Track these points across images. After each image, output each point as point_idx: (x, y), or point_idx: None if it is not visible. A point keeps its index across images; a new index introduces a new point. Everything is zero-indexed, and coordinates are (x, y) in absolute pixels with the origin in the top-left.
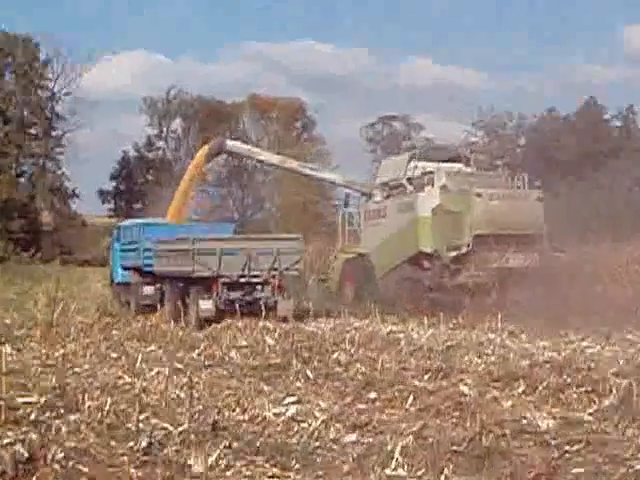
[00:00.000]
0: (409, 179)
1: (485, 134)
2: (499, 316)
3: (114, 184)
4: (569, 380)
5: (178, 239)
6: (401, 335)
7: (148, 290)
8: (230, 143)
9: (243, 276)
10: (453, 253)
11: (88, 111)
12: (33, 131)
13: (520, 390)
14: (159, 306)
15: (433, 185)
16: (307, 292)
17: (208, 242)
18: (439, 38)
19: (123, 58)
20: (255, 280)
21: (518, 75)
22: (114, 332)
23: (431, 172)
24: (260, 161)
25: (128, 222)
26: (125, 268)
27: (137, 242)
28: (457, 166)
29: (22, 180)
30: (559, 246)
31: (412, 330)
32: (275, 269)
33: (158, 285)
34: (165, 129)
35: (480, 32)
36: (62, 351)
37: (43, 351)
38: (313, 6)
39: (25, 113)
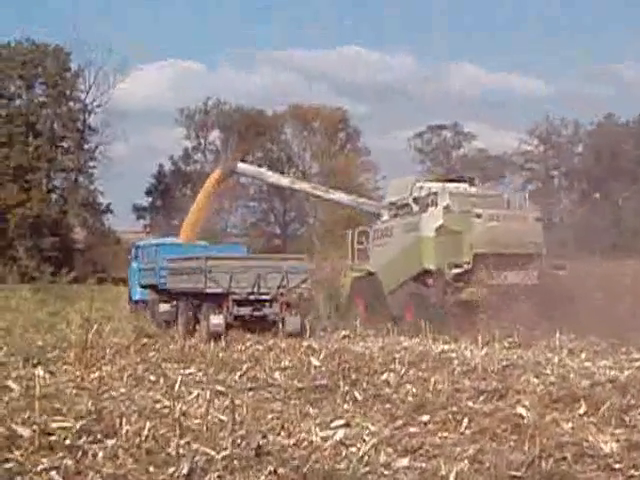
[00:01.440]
0: (415, 199)
1: (540, 142)
2: (557, 334)
3: (150, 199)
4: (633, 401)
5: (191, 258)
6: (453, 355)
7: (164, 307)
8: (241, 166)
9: (252, 293)
10: (455, 271)
11: (121, 123)
12: (64, 144)
13: (581, 411)
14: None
15: (436, 206)
16: (319, 309)
17: (220, 261)
18: (488, 44)
19: (156, 67)
20: (264, 297)
21: (574, 81)
22: (151, 354)
23: (435, 193)
24: (270, 183)
25: (145, 242)
26: (143, 286)
27: (153, 261)
28: (462, 186)
29: (53, 196)
30: (561, 263)
31: (465, 349)
32: (283, 287)
33: (174, 302)
34: (203, 141)
35: (531, 36)
36: (97, 374)
37: (77, 374)
38: (357, 12)
39: (56, 126)
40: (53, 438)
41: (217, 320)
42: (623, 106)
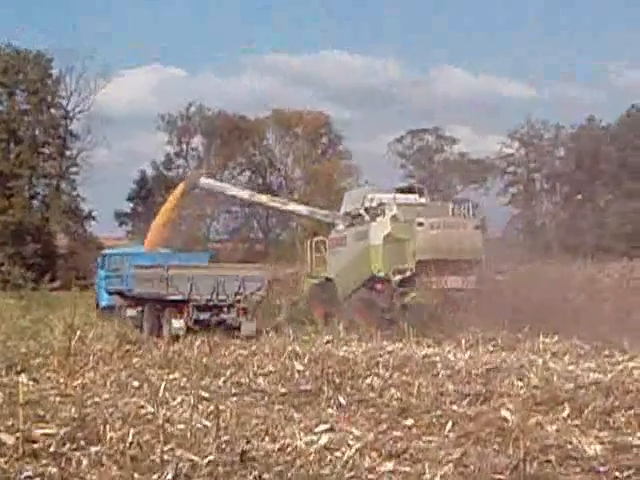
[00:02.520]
0: (366, 209)
1: (521, 145)
2: (540, 337)
3: (132, 205)
4: (617, 402)
5: (154, 266)
6: (437, 358)
7: (131, 312)
8: (204, 180)
9: (211, 300)
10: (399, 277)
11: (103, 129)
12: (46, 151)
13: (565, 414)
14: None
15: (384, 215)
16: (281, 314)
17: (180, 269)
18: (471, 47)
19: (138, 73)
20: (222, 303)
21: (556, 84)
22: (135, 360)
23: (384, 203)
24: (232, 196)
25: (112, 251)
26: (110, 293)
27: (120, 269)
28: (411, 197)
29: (35, 202)
30: (500, 268)
31: (449, 353)
32: (240, 294)
33: (139, 308)
34: (185, 146)
35: (515, 39)
36: (81, 380)
37: (61, 381)
38: (341, 16)
39: (37, 132)
40: (37, 445)
41: (178, 324)
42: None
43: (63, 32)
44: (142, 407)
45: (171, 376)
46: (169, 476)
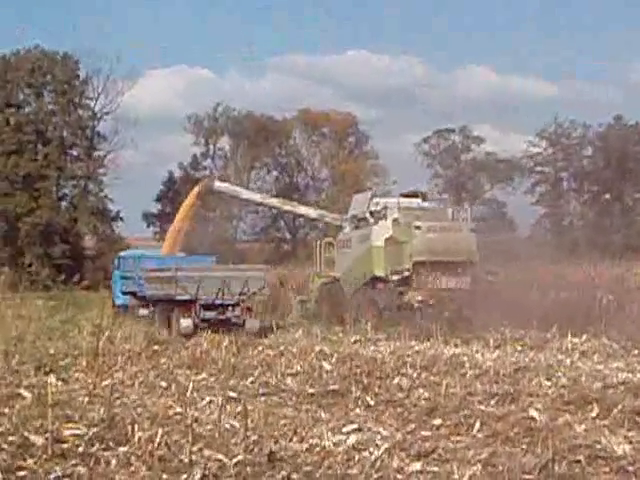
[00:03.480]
0: (371, 213)
1: (549, 145)
2: (568, 337)
3: (159, 206)
4: None
5: (164, 268)
6: (465, 358)
7: (143, 312)
8: (218, 184)
9: (217, 299)
10: (397, 277)
11: (130, 130)
12: (74, 152)
13: (593, 414)
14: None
15: (387, 219)
16: (293, 312)
17: (188, 271)
18: (495, 45)
19: (164, 74)
20: (227, 302)
21: (582, 82)
22: (163, 360)
23: (386, 207)
24: (245, 199)
25: (126, 253)
26: (124, 293)
27: (133, 271)
28: (414, 201)
29: (63, 203)
30: (494, 270)
31: (477, 352)
32: (244, 293)
33: (151, 307)
34: (212, 147)
35: (540, 38)
36: (109, 381)
37: (89, 381)
38: (365, 16)
39: (65, 134)
40: (66, 446)
41: (186, 323)
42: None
43: (88, 34)
44: (170, 407)
45: (199, 376)
46: (197, 476)
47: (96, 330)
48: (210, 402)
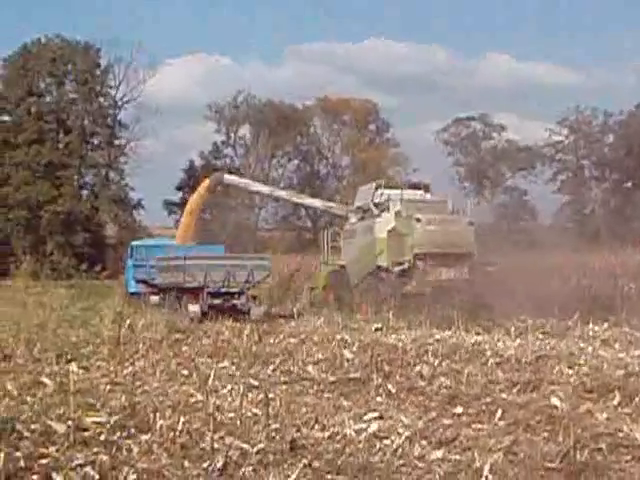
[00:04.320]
0: (375, 204)
1: (570, 133)
2: (590, 325)
3: (180, 194)
4: None
5: (173, 257)
6: (486, 346)
7: (154, 299)
8: (227, 177)
9: (223, 287)
10: (398, 268)
11: (151, 119)
12: (95, 141)
13: (615, 402)
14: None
15: (389, 211)
16: (302, 298)
17: (196, 259)
18: (518, 33)
19: (184, 62)
20: (233, 290)
21: (604, 70)
22: (184, 348)
23: (390, 199)
24: (255, 192)
25: (139, 242)
26: (137, 281)
27: (145, 259)
28: (418, 193)
29: (85, 192)
30: (492, 261)
31: (498, 340)
32: (249, 282)
33: (162, 294)
34: (233, 135)
35: (562, 25)
36: (131, 369)
37: (111, 369)
38: (385, 3)
39: (86, 122)
40: (88, 433)
41: (194, 309)
42: None
43: (109, 23)
44: (192, 395)
45: (220, 365)
46: (219, 464)
47: (117, 318)
48: (231, 390)
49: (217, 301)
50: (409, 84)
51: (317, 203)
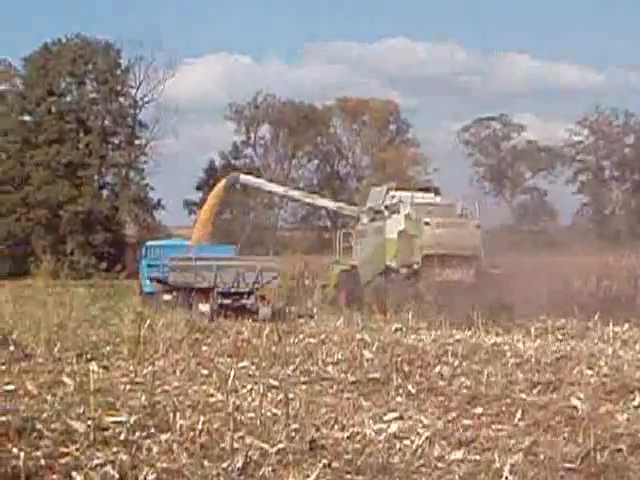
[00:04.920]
0: (386, 206)
1: (590, 133)
2: (610, 326)
3: (200, 194)
4: None
5: (185, 258)
6: (506, 347)
7: (167, 297)
8: (243, 177)
9: (233, 287)
10: (407, 269)
11: (171, 118)
12: (115, 140)
13: (636, 403)
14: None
15: (400, 213)
16: (314, 297)
17: (206, 260)
18: (539, 33)
19: (204, 61)
20: (242, 290)
21: (625, 71)
22: (204, 348)
23: (400, 202)
24: (269, 192)
25: (153, 243)
26: (150, 279)
27: (159, 259)
28: (427, 196)
29: (105, 191)
30: (496, 263)
31: (518, 341)
32: (258, 283)
33: (174, 293)
34: (253, 135)
35: (583, 25)
36: (151, 368)
37: (131, 368)
38: (404, 3)
39: (107, 122)
40: (108, 433)
41: (204, 308)
42: None
43: (129, 23)
44: (212, 395)
45: (240, 364)
46: (239, 464)
47: (137, 318)
48: (251, 390)
49: (227, 301)
50: (428, 84)
51: (329, 204)
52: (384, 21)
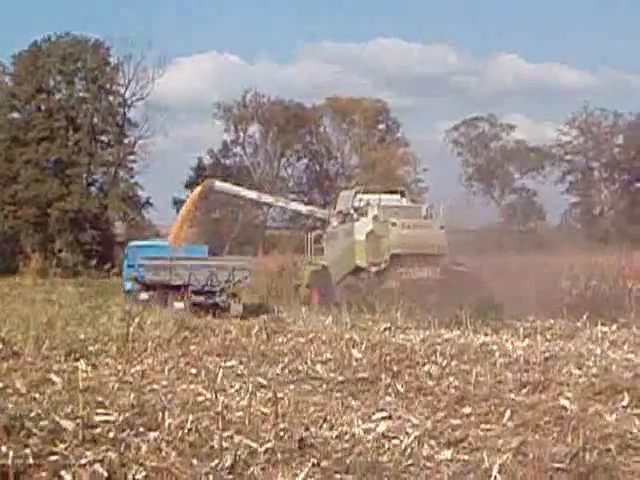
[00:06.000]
0: (355, 209)
1: (579, 133)
2: (598, 326)
3: (188, 193)
4: None
5: (160, 257)
6: (495, 347)
7: (144, 295)
8: (218, 184)
9: (206, 285)
10: (376, 268)
11: (160, 117)
12: (104, 139)
13: (624, 403)
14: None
15: (368, 215)
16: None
17: (181, 260)
18: (530, 34)
19: (194, 60)
20: (215, 288)
21: (614, 71)
22: (192, 347)
23: (368, 204)
24: (242, 197)
25: (134, 244)
26: (129, 279)
27: (136, 259)
28: (394, 198)
29: (93, 190)
30: (460, 262)
31: (506, 341)
32: (229, 281)
33: (151, 292)
34: (242, 134)
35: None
36: (139, 367)
37: (119, 367)
38: (395, 3)
39: (96, 120)
40: (96, 431)
41: (179, 305)
42: None
43: (119, 21)
44: (200, 394)
45: (229, 363)
46: (228, 462)
47: (126, 316)
48: (240, 389)
49: (200, 298)
50: (420, 85)
51: (301, 208)
52: (378, 21)
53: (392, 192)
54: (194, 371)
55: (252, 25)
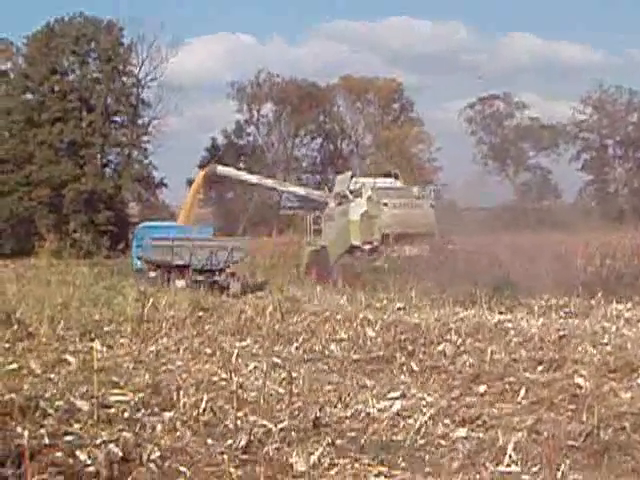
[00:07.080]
0: (351, 191)
1: (594, 111)
2: (613, 304)
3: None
4: None
5: (163, 238)
6: (509, 325)
7: (152, 274)
8: (220, 169)
9: (206, 265)
10: (368, 246)
11: (174, 97)
12: (118, 119)
13: (639, 381)
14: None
15: (362, 197)
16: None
17: (182, 240)
18: (543, 12)
19: (207, 40)
20: (215, 268)
21: (629, 48)
22: (207, 327)
23: (363, 186)
24: (245, 181)
25: (143, 224)
26: (139, 258)
27: (144, 239)
28: (388, 180)
29: (108, 170)
30: (450, 239)
31: (521, 319)
32: (229, 261)
33: (159, 270)
34: (255, 114)
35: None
36: (154, 347)
37: (134, 347)
38: None
39: (109, 101)
40: (112, 411)
41: (181, 284)
42: None
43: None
44: (215, 374)
45: (243, 343)
46: (242, 442)
47: (141, 297)
48: (255, 368)
49: (201, 277)
50: (431, 62)
51: (300, 190)
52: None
53: (387, 175)
54: (209, 351)
55: (263, 5)
